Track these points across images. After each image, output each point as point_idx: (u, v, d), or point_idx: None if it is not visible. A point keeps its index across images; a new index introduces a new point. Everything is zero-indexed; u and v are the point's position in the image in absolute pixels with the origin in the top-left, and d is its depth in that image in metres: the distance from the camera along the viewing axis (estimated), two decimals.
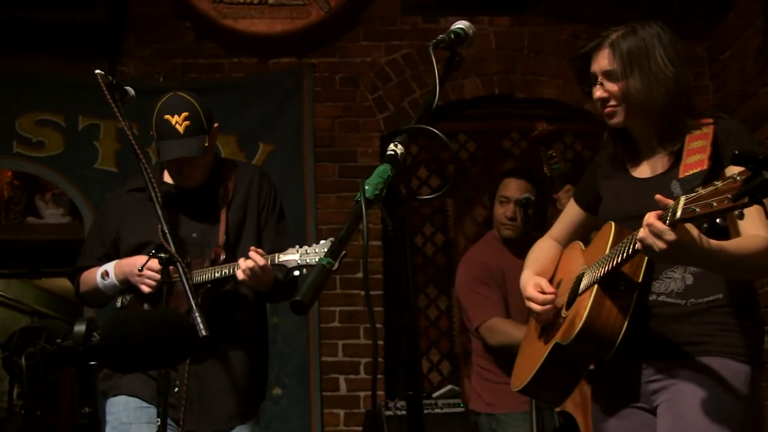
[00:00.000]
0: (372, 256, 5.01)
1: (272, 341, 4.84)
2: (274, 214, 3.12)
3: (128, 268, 2.91)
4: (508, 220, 3.91)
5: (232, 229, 2.99)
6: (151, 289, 2.85)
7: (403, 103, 5.30)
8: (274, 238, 3.06)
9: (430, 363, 5.13)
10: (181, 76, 5.26)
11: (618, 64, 2.26)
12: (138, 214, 3.00)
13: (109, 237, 3.07)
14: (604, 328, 2.13)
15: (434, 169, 5.36)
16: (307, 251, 2.79)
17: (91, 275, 3.03)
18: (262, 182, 3.12)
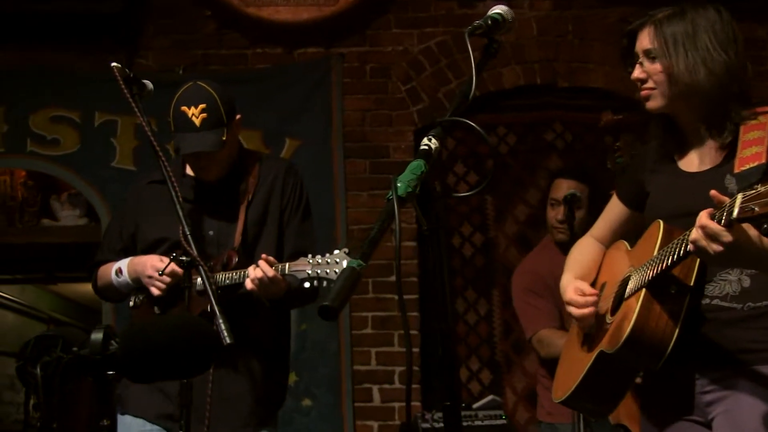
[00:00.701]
0: (406, 258, 5.01)
1: (301, 349, 4.94)
2: (299, 212, 3.10)
3: (140, 267, 2.94)
4: (560, 224, 3.91)
5: (250, 227, 3.00)
6: (160, 292, 2.87)
7: (438, 94, 5.29)
8: (296, 239, 3.05)
9: (470, 372, 5.12)
10: (201, 69, 5.30)
11: (659, 43, 2.24)
12: (157, 208, 3.03)
13: (128, 231, 3.11)
14: (654, 334, 2.11)
15: (472, 164, 5.34)
16: (319, 262, 2.78)
17: (107, 270, 3.07)
18: (287, 177, 3.10)
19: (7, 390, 8.07)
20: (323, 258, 2.79)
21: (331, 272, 2.76)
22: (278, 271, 2.79)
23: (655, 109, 2.32)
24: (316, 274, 2.77)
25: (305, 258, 2.81)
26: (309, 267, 2.78)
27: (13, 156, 5.26)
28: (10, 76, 5.28)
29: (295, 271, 2.79)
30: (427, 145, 1.72)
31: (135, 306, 3.04)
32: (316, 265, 2.78)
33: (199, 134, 2.89)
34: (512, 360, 5.12)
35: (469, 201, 5.27)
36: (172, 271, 2.83)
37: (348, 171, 5.20)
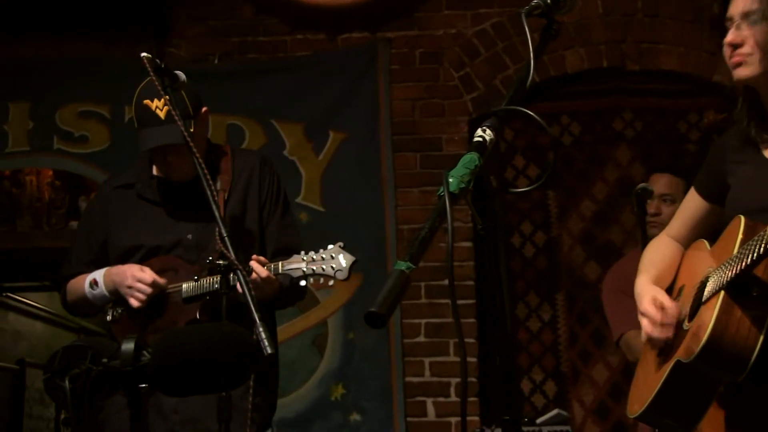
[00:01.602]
0: (461, 260, 4.99)
1: (348, 359, 4.95)
2: (278, 206, 3.15)
3: (118, 278, 2.97)
4: (652, 217, 3.89)
5: (231, 224, 2.98)
6: (140, 303, 2.91)
7: (494, 81, 5.27)
8: (279, 235, 3.11)
9: (533, 383, 5.10)
10: (238, 57, 5.35)
11: (762, 4, 2.19)
12: (126, 215, 3.09)
13: (97, 241, 3.14)
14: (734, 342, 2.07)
15: (532, 156, 5.31)
16: (314, 258, 2.82)
17: (78, 283, 3.10)
18: (262, 171, 3.15)
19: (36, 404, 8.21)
20: (317, 254, 2.83)
21: (327, 268, 2.80)
22: (271, 270, 2.84)
23: (746, 79, 2.26)
24: (311, 271, 2.82)
25: (298, 255, 2.85)
26: (303, 264, 2.83)
27: (39, 154, 5.36)
28: (35, 70, 5.37)
29: (289, 269, 2.84)
30: (482, 137, 1.71)
31: (114, 320, 3.06)
32: (310, 262, 2.82)
33: (164, 127, 2.91)
34: (579, 370, 5.08)
35: (529, 197, 5.24)
36: (155, 282, 2.89)
37: (397, 166, 5.20)
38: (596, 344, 5.02)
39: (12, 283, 7.17)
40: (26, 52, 5.37)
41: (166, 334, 1.74)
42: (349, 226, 4.98)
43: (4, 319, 7.96)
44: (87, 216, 3.32)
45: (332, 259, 2.80)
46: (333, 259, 2.80)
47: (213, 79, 5.11)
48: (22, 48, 5.38)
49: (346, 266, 2.81)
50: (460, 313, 4.91)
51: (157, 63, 2.80)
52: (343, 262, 2.82)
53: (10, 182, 5.78)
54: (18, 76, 5.39)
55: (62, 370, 1.57)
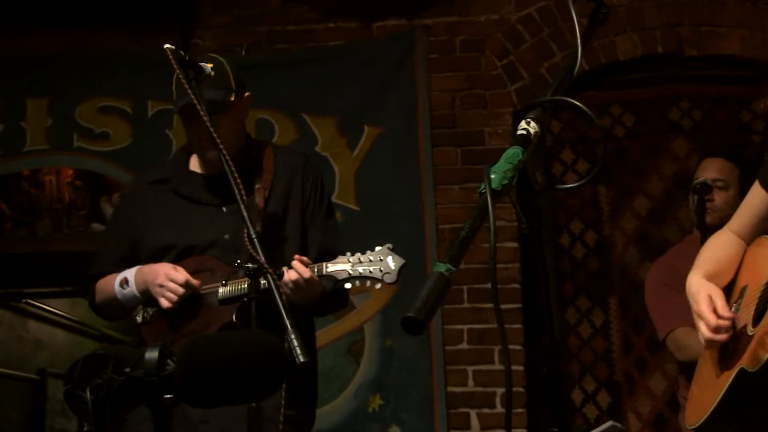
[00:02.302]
0: (506, 261, 4.99)
1: (386, 368, 4.96)
2: (321, 208, 3.16)
3: (150, 276, 2.97)
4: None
5: (270, 226, 3.03)
6: (171, 304, 2.91)
7: (539, 69, 5.26)
8: (322, 239, 3.11)
9: (585, 393, 5.07)
10: (266, 48, 5.38)
11: None
12: (160, 212, 3.09)
13: (128, 239, 3.15)
14: None
15: (582, 150, 5.29)
16: (361, 260, 2.81)
17: (108, 283, 3.11)
18: (306, 171, 3.16)
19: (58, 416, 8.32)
20: (364, 255, 2.82)
21: (375, 271, 2.79)
22: (314, 272, 2.83)
23: None
24: (358, 274, 2.81)
25: (344, 256, 2.84)
26: (349, 266, 2.82)
27: (58, 153, 5.43)
28: (53, 64, 5.45)
29: (334, 271, 2.83)
30: (525, 129, 1.71)
31: (145, 322, 3.06)
32: (357, 264, 2.81)
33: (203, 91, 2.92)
34: (634, 380, 5.05)
35: (579, 194, 5.22)
36: (188, 282, 2.89)
37: (437, 161, 5.21)
38: (653, 351, 4.99)
39: (32, 289, 7.26)
40: (44, 46, 5.44)
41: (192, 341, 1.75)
42: (386, 225, 4.99)
43: (24, 327, 8.06)
44: (118, 212, 3.33)
45: (380, 261, 2.80)
46: (381, 261, 2.80)
47: (240, 71, 5.10)
48: (40, 41, 5.45)
49: (395, 269, 2.81)
50: (506, 319, 4.91)
51: (181, 55, 2.82)
52: (392, 264, 2.82)
53: (29, 183, 5.86)
54: (35, 71, 5.46)
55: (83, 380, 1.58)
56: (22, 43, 5.45)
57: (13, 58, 5.46)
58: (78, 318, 8.78)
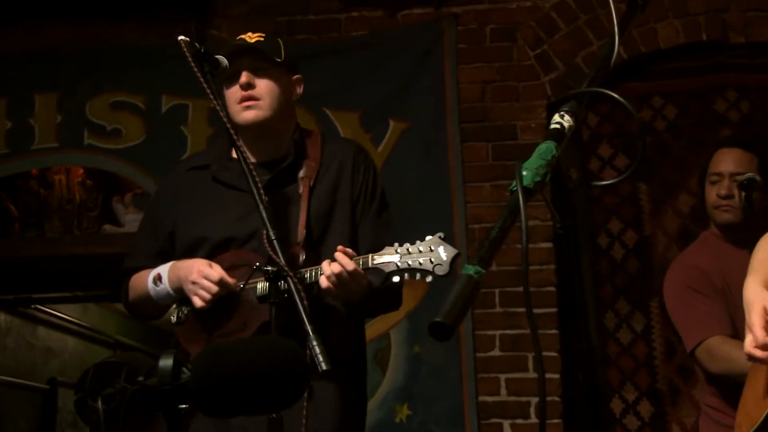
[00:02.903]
0: (541, 263, 4.99)
1: (414, 376, 4.96)
2: (374, 203, 3.10)
3: (183, 273, 2.91)
4: (723, 199, 3.82)
5: (315, 222, 2.98)
6: (204, 303, 2.85)
7: (575, 59, 5.25)
8: (375, 234, 3.04)
9: (625, 403, 5.06)
10: (286, 39, 5.34)
11: None
12: (197, 201, 3.05)
13: (164, 230, 3.10)
14: None
15: (620, 145, 5.28)
16: (409, 250, 2.72)
17: (141, 279, 3.06)
18: (357, 161, 3.11)
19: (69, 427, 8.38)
20: (413, 245, 2.73)
21: (425, 262, 2.70)
22: (360, 264, 2.76)
23: None
24: (406, 266, 2.71)
25: (391, 247, 2.76)
26: (397, 257, 2.73)
27: (68, 151, 5.47)
28: (63, 58, 5.49)
29: (381, 263, 2.75)
30: (559, 123, 1.71)
31: (179, 322, 3.01)
32: (405, 255, 2.72)
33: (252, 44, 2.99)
34: (678, 388, 5.03)
35: (617, 191, 5.21)
36: (223, 280, 2.83)
37: (466, 158, 5.21)
38: None
39: (41, 294, 7.30)
40: (53, 39, 5.48)
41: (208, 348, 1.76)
42: (413, 226, 4.96)
43: (34, 334, 8.12)
44: (154, 201, 3.26)
45: (431, 251, 2.70)
46: (432, 251, 2.70)
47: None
48: (49, 34, 5.49)
49: (447, 260, 2.71)
50: (540, 324, 4.90)
51: (196, 47, 2.82)
52: (444, 254, 2.71)
53: (38, 182, 5.90)
54: (44, 65, 5.50)
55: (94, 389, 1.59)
56: (29, 36, 5.49)
57: (20, 52, 5.50)
58: (89, 324, 8.83)
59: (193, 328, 2.97)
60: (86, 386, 1.60)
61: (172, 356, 1.60)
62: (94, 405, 1.58)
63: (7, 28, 5.50)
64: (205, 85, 2.79)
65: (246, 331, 2.85)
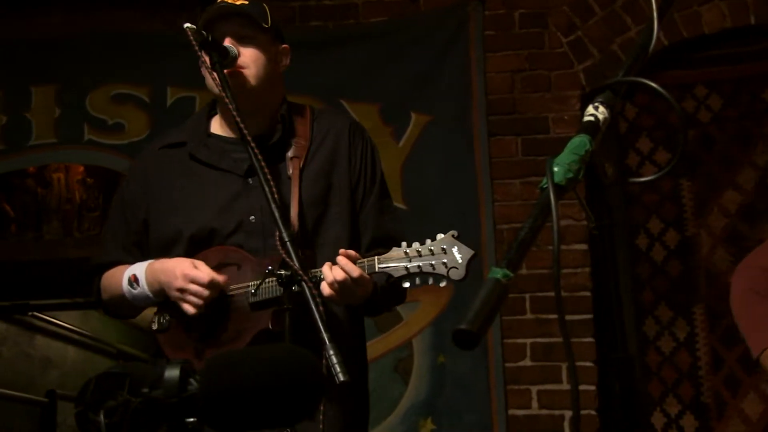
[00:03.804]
0: (575, 266, 4.99)
1: (439, 388, 4.97)
2: (375, 186, 3.00)
3: (165, 277, 2.79)
4: None
5: (308, 208, 2.86)
6: (197, 310, 2.75)
7: (611, 45, 5.25)
8: (378, 220, 2.96)
9: (667, 417, 5.06)
10: (299, 25, 5.41)
11: None
12: (173, 185, 2.95)
13: (137, 218, 2.98)
14: None
15: (661, 138, 5.28)
16: (420, 252, 2.62)
17: (115, 278, 2.94)
18: (354, 137, 3.00)
19: None
20: (424, 246, 2.64)
21: (438, 265, 2.59)
22: (365, 268, 2.67)
23: None
24: (417, 270, 2.62)
25: (399, 248, 2.65)
26: (406, 260, 2.63)
27: (67, 147, 5.51)
28: (61, 47, 5.52)
29: (388, 268, 2.66)
30: (593, 116, 1.71)
31: (161, 329, 2.90)
32: (415, 257, 2.62)
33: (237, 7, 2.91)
34: (725, 401, 5.03)
35: (658, 188, 5.21)
36: (213, 281, 2.73)
37: (494, 153, 5.21)
38: (746, 369, 4.96)
39: (39, 300, 7.35)
40: (49, 27, 5.51)
41: (217, 358, 1.76)
42: (437, 226, 4.91)
43: (31, 343, 8.17)
44: (125, 185, 3.09)
45: (443, 252, 2.59)
46: (445, 252, 2.59)
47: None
48: (45, 22, 5.53)
49: (463, 262, 2.59)
50: (575, 331, 4.90)
51: (203, 35, 2.83)
52: (459, 256, 2.60)
53: (35, 181, 5.94)
54: (41, 55, 5.54)
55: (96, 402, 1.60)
56: (25, 24, 5.53)
57: (16, 42, 5.54)
58: (90, 333, 8.88)
59: (178, 336, 2.87)
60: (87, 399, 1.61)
61: (179, 366, 1.60)
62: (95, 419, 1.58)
63: (2, 16, 5.54)
64: (213, 75, 2.79)
65: (239, 340, 2.77)
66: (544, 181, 1.62)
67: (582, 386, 4.84)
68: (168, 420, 1.59)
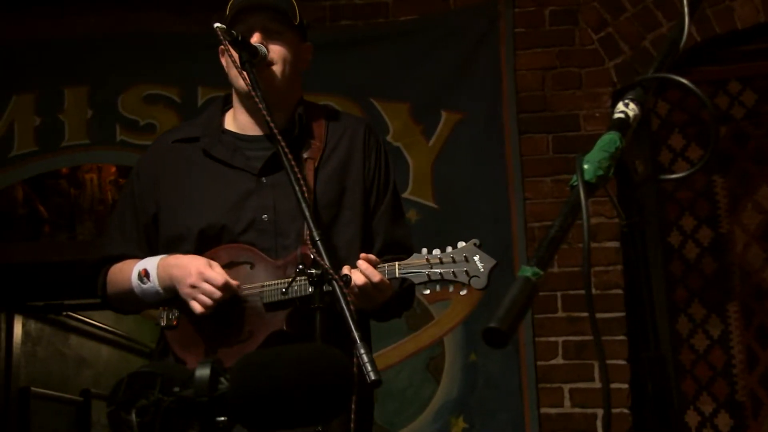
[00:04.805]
0: (607, 263, 4.97)
1: (471, 387, 4.96)
2: (388, 189, 2.99)
3: (179, 273, 2.76)
4: None
5: (322, 210, 2.85)
6: (205, 310, 2.72)
7: (643, 42, 5.22)
8: (389, 227, 2.95)
9: (701, 416, 5.03)
10: (330, 25, 5.41)
11: None
12: (184, 180, 2.92)
13: (147, 211, 2.95)
14: None
15: (694, 134, 5.25)
16: (441, 259, 2.63)
17: (124, 272, 2.91)
18: (368, 139, 2.99)
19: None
20: (445, 253, 2.65)
21: (459, 273, 2.61)
22: (385, 273, 2.66)
23: None
24: (438, 277, 2.63)
25: (420, 255, 2.66)
26: (428, 267, 2.64)
27: (100, 148, 5.54)
28: (93, 48, 5.56)
29: (409, 273, 2.66)
30: (623, 112, 1.70)
31: (169, 326, 2.86)
32: (437, 265, 2.63)
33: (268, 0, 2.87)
34: (761, 400, 5.00)
35: (691, 185, 5.18)
36: (227, 284, 2.71)
37: (525, 150, 5.20)
38: None
39: (73, 300, 7.38)
40: (81, 28, 5.54)
41: (247, 357, 1.76)
42: (468, 224, 5.00)
43: (66, 343, 8.20)
44: (134, 177, 3.04)
45: (465, 261, 2.61)
46: (467, 261, 2.61)
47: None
48: (76, 22, 5.56)
49: (485, 271, 2.61)
50: (608, 329, 4.89)
51: (233, 35, 2.82)
52: (481, 265, 2.62)
53: (68, 182, 5.97)
54: (73, 57, 5.57)
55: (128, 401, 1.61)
56: (57, 25, 5.56)
57: (48, 43, 5.57)
58: (124, 332, 8.90)
59: (187, 334, 2.84)
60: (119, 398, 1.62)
61: (209, 365, 1.61)
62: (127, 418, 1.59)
63: (34, 18, 5.58)
64: (243, 74, 2.77)
65: (252, 341, 2.74)
66: (574, 178, 1.62)
67: (615, 384, 4.82)
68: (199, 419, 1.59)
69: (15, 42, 5.58)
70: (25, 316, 7.12)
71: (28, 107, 5.55)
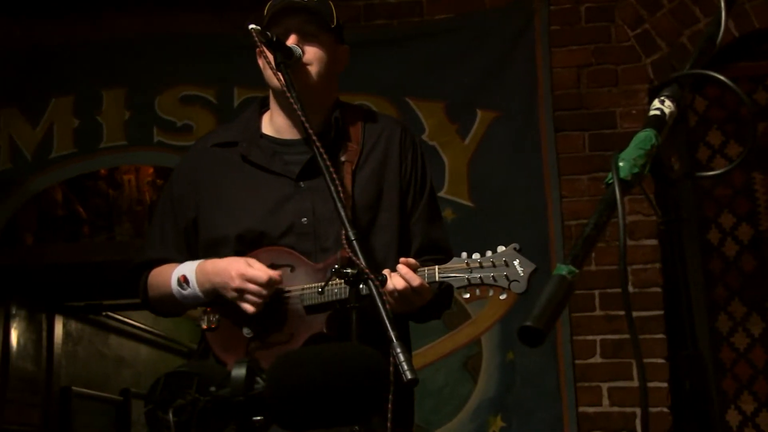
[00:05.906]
0: (645, 261, 4.95)
1: (508, 385, 4.95)
2: (425, 191, 2.98)
3: (219, 278, 2.77)
4: None
5: (360, 213, 2.84)
6: (257, 309, 2.73)
7: (680, 38, 5.19)
8: (427, 229, 2.94)
9: (742, 414, 5.00)
10: (364, 24, 5.41)
11: None
12: (222, 184, 2.93)
13: (186, 215, 2.96)
14: None
15: (732, 131, 5.21)
16: (481, 263, 2.63)
17: (164, 276, 2.92)
18: (404, 140, 2.98)
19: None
20: (485, 257, 2.65)
21: (499, 278, 2.61)
22: (425, 277, 2.66)
23: None
24: (478, 281, 2.63)
25: (459, 259, 2.67)
26: (467, 271, 2.65)
27: (137, 149, 5.57)
28: (130, 50, 5.59)
29: (449, 277, 2.66)
30: (659, 109, 1.70)
31: (210, 328, 2.87)
32: (477, 269, 2.64)
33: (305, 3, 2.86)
34: None
35: (730, 182, 5.15)
36: (272, 280, 2.71)
37: (561, 148, 5.19)
38: None
39: (112, 300, 7.44)
40: (118, 30, 5.57)
41: (284, 357, 1.77)
42: (505, 223, 4.99)
43: (105, 342, 8.26)
44: (174, 181, 3.06)
45: (505, 265, 2.61)
46: (506, 266, 2.61)
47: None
48: (114, 25, 5.59)
49: (525, 276, 2.62)
50: (646, 328, 4.86)
51: (268, 36, 2.82)
52: (520, 269, 2.62)
53: (107, 183, 6.02)
54: (111, 59, 5.61)
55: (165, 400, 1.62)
56: (94, 28, 5.60)
57: (86, 45, 5.61)
58: (162, 332, 8.96)
59: (228, 336, 2.85)
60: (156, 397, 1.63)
61: (245, 365, 1.62)
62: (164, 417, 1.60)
63: (72, 21, 5.62)
64: (279, 75, 2.77)
65: (293, 342, 2.75)
66: (610, 176, 1.61)
67: (654, 383, 4.79)
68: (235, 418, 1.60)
69: (53, 45, 5.63)
70: (66, 317, 7.18)
71: (67, 109, 5.59)
